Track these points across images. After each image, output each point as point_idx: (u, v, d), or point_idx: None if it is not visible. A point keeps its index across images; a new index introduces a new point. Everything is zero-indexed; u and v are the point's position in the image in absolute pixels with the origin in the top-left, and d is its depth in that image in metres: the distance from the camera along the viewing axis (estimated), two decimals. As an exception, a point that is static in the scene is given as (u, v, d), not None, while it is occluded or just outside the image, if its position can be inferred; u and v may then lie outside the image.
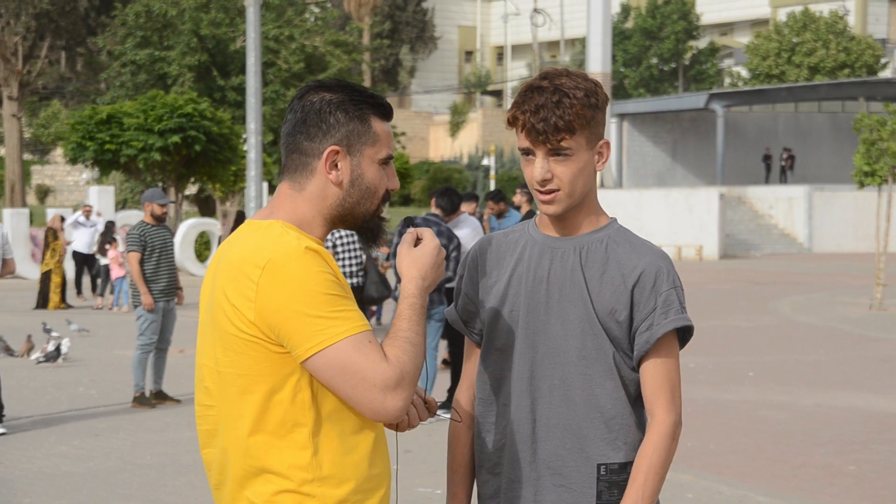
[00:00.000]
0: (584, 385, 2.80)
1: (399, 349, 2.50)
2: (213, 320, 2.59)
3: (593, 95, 2.78)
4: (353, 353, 2.45)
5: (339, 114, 2.60)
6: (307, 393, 2.51)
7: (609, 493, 2.79)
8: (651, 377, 2.80)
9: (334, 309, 2.46)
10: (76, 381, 12.74)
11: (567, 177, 2.77)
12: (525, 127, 2.77)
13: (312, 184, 2.61)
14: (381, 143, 2.64)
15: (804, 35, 61.44)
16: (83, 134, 29.59)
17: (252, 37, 20.50)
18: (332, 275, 2.50)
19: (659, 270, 2.79)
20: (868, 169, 20.71)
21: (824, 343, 16.27)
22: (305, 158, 2.61)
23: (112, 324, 19.17)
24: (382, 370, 2.46)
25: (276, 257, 2.48)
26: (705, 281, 28.26)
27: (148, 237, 11.13)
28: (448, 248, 10.25)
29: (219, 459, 2.61)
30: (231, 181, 32.03)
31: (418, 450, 8.60)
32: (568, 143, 2.75)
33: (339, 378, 2.46)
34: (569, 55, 72.32)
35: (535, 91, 2.77)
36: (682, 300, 2.82)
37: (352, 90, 2.64)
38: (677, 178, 52.50)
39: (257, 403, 2.51)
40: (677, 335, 2.83)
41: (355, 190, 2.62)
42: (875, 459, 8.87)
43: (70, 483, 8.11)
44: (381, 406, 2.46)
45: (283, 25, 42.41)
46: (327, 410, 2.52)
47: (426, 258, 2.67)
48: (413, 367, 2.50)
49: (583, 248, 2.84)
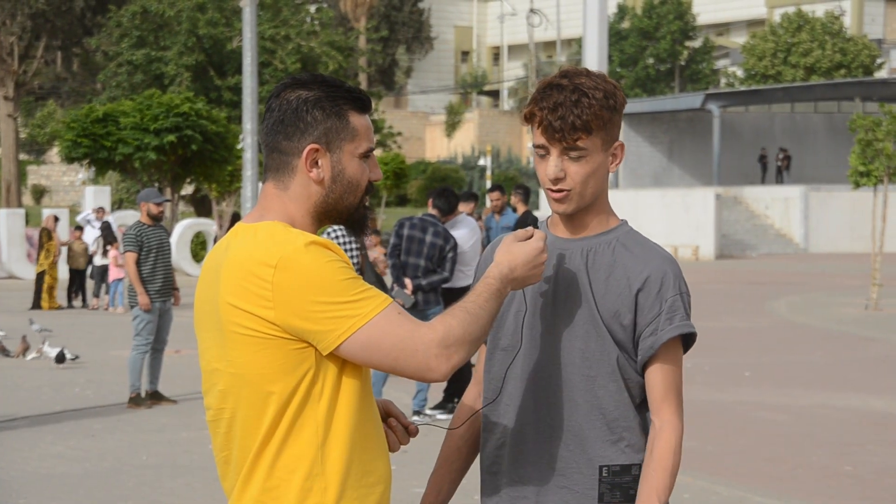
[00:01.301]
0: (587, 387, 2.79)
1: (450, 315, 2.54)
2: (217, 325, 2.58)
3: (612, 97, 2.77)
4: (386, 327, 2.48)
5: (316, 111, 2.60)
6: (323, 388, 2.52)
7: (611, 494, 2.78)
8: (656, 382, 2.79)
9: (356, 292, 2.49)
10: (72, 382, 12.71)
11: (580, 177, 2.77)
12: (542, 124, 2.75)
13: (295, 182, 2.62)
14: (360, 137, 2.64)
15: (800, 35, 61.47)
16: (78, 132, 29.55)
17: (248, 37, 20.48)
18: (343, 262, 2.52)
19: (665, 276, 2.78)
20: (864, 169, 20.72)
21: (821, 343, 16.27)
22: (286, 157, 2.62)
23: (108, 324, 19.14)
24: (421, 334, 2.49)
25: (287, 254, 2.48)
26: (702, 281, 28.27)
27: (144, 237, 11.11)
28: (444, 249, 10.24)
29: (236, 461, 2.60)
30: (227, 181, 32.00)
31: (414, 450, 8.59)
32: (584, 143, 2.75)
33: (378, 354, 2.49)
34: (565, 55, 72.31)
35: (554, 89, 2.76)
36: (688, 306, 2.81)
37: (328, 86, 2.64)
38: (674, 179, 52.53)
39: (275, 401, 2.52)
40: (681, 341, 2.82)
41: (337, 186, 2.63)
42: (872, 460, 8.87)
43: (66, 484, 8.09)
44: (427, 368, 2.50)
45: (280, 25, 42.40)
46: (340, 406, 2.54)
47: (523, 254, 2.68)
48: (462, 331, 2.51)
49: (590, 251, 2.83)
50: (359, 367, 2.56)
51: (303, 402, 2.51)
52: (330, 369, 2.53)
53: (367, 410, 2.60)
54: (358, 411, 2.56)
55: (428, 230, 10.26)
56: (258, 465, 2.54)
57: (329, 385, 2.53)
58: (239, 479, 2.57)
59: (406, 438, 2.79)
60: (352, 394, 2.55)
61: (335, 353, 2.50)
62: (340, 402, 2.54)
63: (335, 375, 2.53)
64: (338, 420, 2.53)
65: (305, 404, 2.51)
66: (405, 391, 11.17)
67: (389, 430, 2.76)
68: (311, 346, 2.51)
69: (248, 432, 2.55)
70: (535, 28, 64.33)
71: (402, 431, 2.78)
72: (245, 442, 2.56)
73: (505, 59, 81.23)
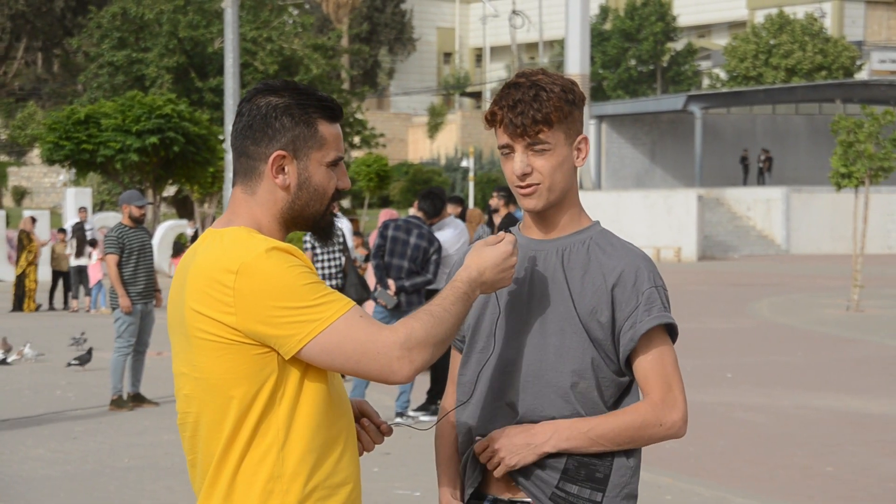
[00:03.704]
0: (560, 384, 2.80)
1: (412, 318, 2.56)
2: (183, 330, 2.60)
3: (570, 92, 2.81)
4: (347, 331, 2.50)
5: (285, 118, 2.62)
6: (284, 392, 2.54)
7: (576, 471, 2.79)
8: (645, 374, 2.80)
9: (317, 296, 2.50)
10: (53, 384, 12.67)
11: (547, 170, 2.79)
12: (504, 122, 2.80)
13: (262, 188, 2.63)
14: (328, 146, 2.65)
15: (781, 37, 61.69)
16: (60, 134, 29.43)
17: (230, 38, 20.47)
18: (305, 267, 2.53)
19: (639, 270, 2.80)
20: (845, 171, 20.80)
21: (802, 344, 16.33)
22: (253, 162, 2.64)
23: (89, 326, 19.08)
24: (384, 337, 2.50)
25: (249, 259, 2.50)
26: (683, 282, 28.34)
27: (126, 239, 11.08)
28: (428, 251, 10.25)
29: (202, 464, 2.62)
30: (209, 182, 31.94)
31: (397, 452, 8.58)
32: (546, 136, 2.78)
33: (340, 358, 2.51)
34: (547, 57, 72.39)
35: (512, 87, 2.82)
36: (665, 300, 2.82)
37: (299, 93, 2.65)
38: (656, 180, 52.64)
39: (237, 406, 2.53)
40: (666, 331, 2.82)
41: (303, 193, 2.64)
42: (852, 460, 8.91)
43: (47, 486, 8.07)
44: (389, 370, 2.51)
45: (261, 27, 42.34)
46: (302, 409, 2.55)
47: (491, 257, 2.70)
48: (424, 333, 2.53)
49: (564, 250, 2.85)
50: (323, 370, 2.57)
51: (265, 406, 2.53)
52: (292, 373, 2.54)
53: (334, 412, 2.61)
54: (322, 413, 2.57)
55: (412, 232, 10.26)
56: (222, 468, 2.56)
57: (291, 389, 2.54)
58: (205, 483, 2.60)
59: (379, 438, 2.81)
60: (315, 397, 2.57)
61: (297, 357, 2.52)
62: (302, 405, 2.55)
63: (297, 379, 2.55)
64: (299, 423, 2.54)
65: (267, 408, 2.53)
66: (388, 393, 11.17)
67: (362, 430, 2.77)
68: (274, 351, 2.52)
69: (212, 436, 2.58)
70: (517, 30, 64.36)
71: (374, 431, 2.79)
72: (209, 445, 2.59)
73: (487, 60, 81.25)
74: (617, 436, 2.76)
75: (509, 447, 2.77)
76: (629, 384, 2.85)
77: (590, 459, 2.78)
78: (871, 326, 18.55)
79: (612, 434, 2.76)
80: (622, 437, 2.76)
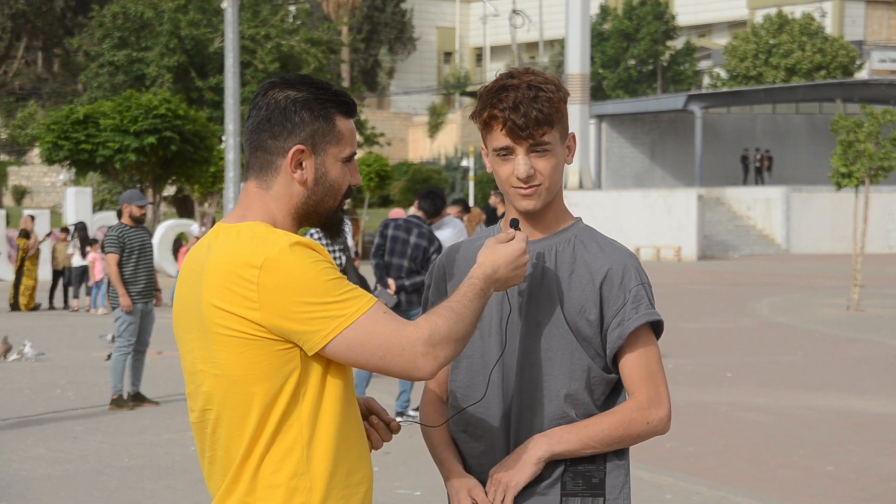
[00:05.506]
0: (551, 387, 2.81)
1: (435, 314, 2.55)
2: (201, 326, 2.58)
3: (560, 89, 2.81)
4: (372, 326, 2.49)
5: (305, 113, 2.60)
6: (307, 388, 2.53)
7: (573, 483, 2.79)
8: (634, 370, 2.81)
9: (341, 292, 2.49)
10: (53, 383, 12.67)
11: (547, 171, 2.79)
12: (506, 125, 2.76)
13: (278, 182, 2.62)
14: (344, 141, 2.65)
15: (780, 37, 61.69)
16: (59, 134, 29.45)
17: (230, 37, 20.46)
18: (328, 263, 2.52)
19: (626, 268, 2.81)
20: (845, 170, 20.80)
21: (802, 344, 16.33)
22: (270, 157, 2.62)
23: (89, 325, 19.08)
24: (408, 333, 2.50)
25: (272, 255, 2.48)
26: (683, 282, 28.33)
27: (126, 239, 11.08)
28: (428, 251, 10.26)
29: (222, 461, 2.60)
30: (209, 182, 31.94)
31: (397, 452, 8.58)
32: (548, 138, 2.77)
33: (364, 354, 2.50)
34: (547, 56, 72.40)
35: (508, 89, 2.77)
36: (651, 297, 2.84)
37: (316, 88, 2.64)
38: (656, 180, 52.65)
39: (261, 401, 2.52)
40: (651, 329, 2.84)
41: (319, 188, 2.63)
42: (853, 460, 8.91)
43: (47, 486, 8.07)
44: (414, 366, 2.51)
45: (260, 25, 42.34)
46: (325, 405, 2.55)
47: (505, 255, 2.70)
48: (448, 329, 2.53)
49: (550, 250, 2.85)
50: (343, 366, 2.57)
51: (288, 402, 2.52)
52: (315, 369, 2.53)
53: (351, 410, 2.61)
54: (342, 411, 2.57)
55: (412, 231, 10.28)
56: (245, 465, 2.55)
57: (314, 385, 2.53)
58: (226, 480, 2.58)
59: (388, 436, 2.80)
60: (336, 393, 2.56)
61: (321, 353, 2.51)
62: (325, 401, 2.55)
63: (320, 375, 2.54)
64: (322, 419, 2.54)
65: (290, 404, 2.52)
66: (388, 392, 11.16)
67: (371, 428, 2.77)
68: (297, 347, 2.51)
69: (234, 433, 2.56)
70: (517, 29, 64.39)
71: (384, 429, 2.79)
72: (230, 443, 2.57)
73: (487, 60, 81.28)
74: (606, 437, 2.77)
75: (506, 472, 2.78)
76: (618, 381, 2.86)
77: (584, 467, 2.80)
78: (872, 326, 18.56)
79: (601, 435, 2.77)
80: (611, 437, 2.78)
